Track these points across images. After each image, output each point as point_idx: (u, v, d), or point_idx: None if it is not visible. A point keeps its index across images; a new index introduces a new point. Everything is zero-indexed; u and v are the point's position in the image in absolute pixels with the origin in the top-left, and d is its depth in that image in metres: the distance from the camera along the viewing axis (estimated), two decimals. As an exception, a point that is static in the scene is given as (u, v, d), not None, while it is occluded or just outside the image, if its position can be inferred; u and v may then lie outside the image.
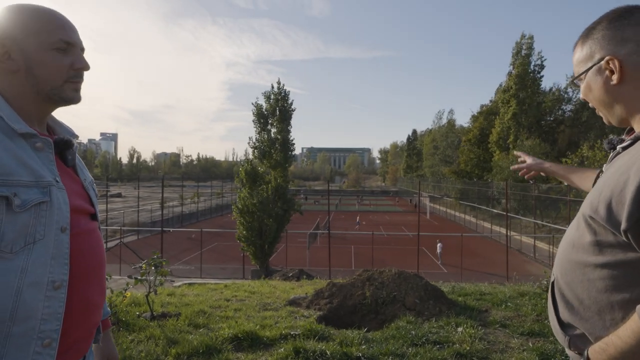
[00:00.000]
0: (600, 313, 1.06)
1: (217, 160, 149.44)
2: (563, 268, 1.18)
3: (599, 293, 1.06)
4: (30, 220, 0.99)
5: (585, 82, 1.18)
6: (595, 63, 1.13)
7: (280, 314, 4.47)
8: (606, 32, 1.11)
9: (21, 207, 0.97)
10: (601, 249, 1.05)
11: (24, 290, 0.97)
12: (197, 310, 4.46)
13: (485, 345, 3.49)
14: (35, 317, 0.98)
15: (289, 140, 20.59)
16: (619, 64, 1.08)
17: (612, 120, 1.20)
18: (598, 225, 1.05)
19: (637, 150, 1.00)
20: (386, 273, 5.09)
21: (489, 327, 3.99)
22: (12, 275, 0.95)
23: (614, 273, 1.03)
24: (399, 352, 3.28)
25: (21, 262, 0.97)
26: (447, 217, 47.40)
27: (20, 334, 0.96)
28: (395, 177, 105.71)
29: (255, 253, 19.20)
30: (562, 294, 1.18)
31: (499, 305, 4.71)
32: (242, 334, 3.57)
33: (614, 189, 1.01)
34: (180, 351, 3.26)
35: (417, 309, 4.50)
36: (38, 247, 0.99)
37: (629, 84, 1.09)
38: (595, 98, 1.18)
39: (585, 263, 1.09)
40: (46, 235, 1.01)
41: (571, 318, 1.14)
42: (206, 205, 49.29)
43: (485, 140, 43.82)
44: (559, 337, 1.18)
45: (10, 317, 0.95)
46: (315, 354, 3.12)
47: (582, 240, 1.11)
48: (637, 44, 1.07)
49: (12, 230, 0.96)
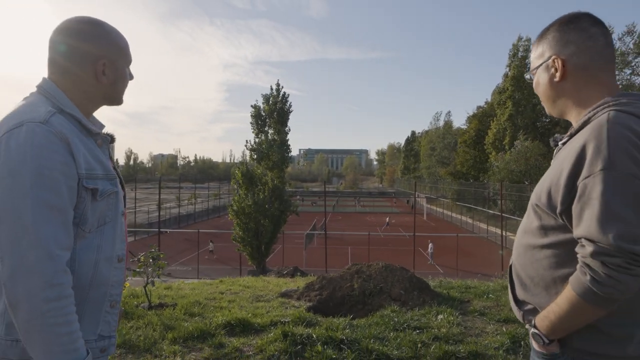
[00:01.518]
0: (547, 288, 1.25)
1: (214, 162, 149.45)
2: (517, 252, 1.40)
3: (545, 270, 1.25)
4: (104, 206, 1.23)
5: (536, 77, 1.38)
6: (544, 61, 1.33)
7: (272, 304, 4.70)
8: (555, 34, 1.30)
9: (100, 196, 1.21)
10: (545, 232, 1.25)
11: (99, 263, 1.22)
12: (192, 301, 4.68)
13: (462, 329, 3.72)
14: (107, 284, 1.25)
15: (286, 142, 20.80)
16: (562, 63, 1.27)
17: (553, 112, 1.41)
18: (542, 212, 1.25)
19: (571, 145, 1.18)
20: (374, 266, 5.32)
21: (468, 315, 4.22)
22: (91, 251, 1.20)
23: (556, 252, 1.22)
24: (381, 336, 3.52)
25: (97, 241, 1.22)
26: (443, 218, 47.65)
27: (96, 298, 1.22)
28: (393, 178, 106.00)
29: (252, 253, 19.37)
30: (517, 274, 1.38)
31: (480, 297, 4.94)
32: (235, 320, 3.79)
33: (552, 180, 1.22)
34: (176, 335, 3.49)
35: (402, 299, 4.74)
36: (107, 228, 1.25)
37: (570, 81, 1.29)
38: (542, 92, 1.38)
39: (534, 245, 1.29)
40: (112, 218, 1.26)
41: (524, 295, 1.33)
42: (203, 206, 49.44)
43: (481, 141, 44.14)
44: (516, 312, 1.37)
45: (90, 284, 1.20)
46: (302, 337, 3.35)
47: (531, 226, 1.32)
48: (577, 46, 1.26)
49: (92, 215, 1.19)
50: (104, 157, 1.27)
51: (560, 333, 1.19)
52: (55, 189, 1.09)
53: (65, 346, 1.06)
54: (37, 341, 1.04)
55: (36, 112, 1.13)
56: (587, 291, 1.07)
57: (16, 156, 1.07)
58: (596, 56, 1.25)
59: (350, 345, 3.25)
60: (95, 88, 1.28)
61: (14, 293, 1.03)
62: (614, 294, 1.04)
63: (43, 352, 1.04)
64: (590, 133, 1.11)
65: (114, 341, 1.30)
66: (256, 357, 3.16)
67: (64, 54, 1.24)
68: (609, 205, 1.03)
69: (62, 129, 1.13)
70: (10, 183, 1.05)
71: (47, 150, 1.09)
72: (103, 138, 1.30)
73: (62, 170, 1.10)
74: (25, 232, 1.04)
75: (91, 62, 1.25)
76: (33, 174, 1.07)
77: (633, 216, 1.02)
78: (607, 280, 1.03)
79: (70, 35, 1.24)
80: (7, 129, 1.09)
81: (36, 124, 1.10)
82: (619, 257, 1.01)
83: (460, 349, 3.24)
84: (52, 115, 1.14)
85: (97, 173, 1.21)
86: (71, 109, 1.21)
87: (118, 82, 1.33)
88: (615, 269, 1.02)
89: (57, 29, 1.26)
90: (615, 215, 1.03)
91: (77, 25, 1.26)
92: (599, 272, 1.04)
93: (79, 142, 1.17)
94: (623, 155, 1.04)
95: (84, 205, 1.17)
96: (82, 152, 1.17)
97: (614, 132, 1.07)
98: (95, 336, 1.23)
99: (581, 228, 1.08)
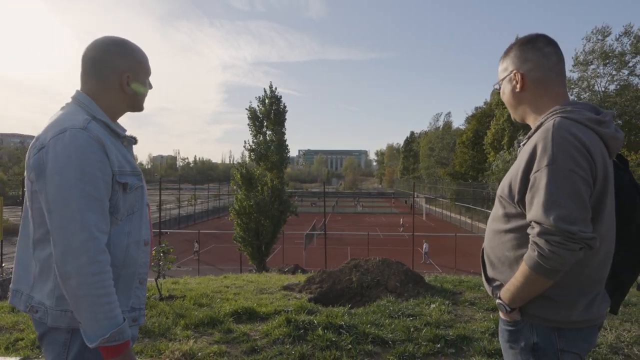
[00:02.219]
0: (510, 266, 1.50)
1: (213, 163, 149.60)
2: (487, 237, 1.67)
3: (509, 251, 1.50)
4: (133, 198, 1.47)
5: (501, 88, 1.66)
6: (507, 74, 1.59)
7: (275, 296, 4.98)
8: (516, 52, 1.57)
9: (130, 189, 1.45)
10: (508, 218, 1.51)
11: (130, 247, 1.46)
12: (200, 293, 4.96)
13: (452, 317, 4.01)
14: (136, 264, 1.48)
15: (284, 142, 20.95)
16: (521, 77, 1.54)
17: (516, 117, 1.70)
18: (505, 202, 1.52)
19: (527, 146, 1.44)
20: (371, 261, 5.61)
21: (459, 305, 4.50)
22: (123, 236, 1.44)
23: (517, 235, 1.47)
24: (377, 322, 3.80)
25: (127, 227, 1.45)
26: (442, 218, 47.94)
27: (127, 276, 1.46)
28: (392, 179, 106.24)
29: (253, 253, 19.54)
30: (487, 256, 1.65)
31: (472, 289, 5.22)
32: (241, 309, 4.08)
33: (512, 174, 1.51)
34: (188, 322, 3.77)
35: (397, 291, 5.02)
36: (135, 217, 1.49)
37: (528, 92, 1.56)
38: (506, 100, 1.65)
39: (500, 230, 1.56)
40: (139, 208, 1.51)
41: (493, 273, 1.60)
42: (203, 207, 49.68)
43: (479, 142, 44.38)
44: (487, 288, 1.64)
45: (122, 264, 1.43)
46: (304, 323, 3.63)
47: (497, 214, 1.60)
48: (534, 63, 1.53)
49: (123, 205, 1.44)
50: (130, 156, 1.52)
51: (519, 302, 1.43)
52: (94, 183, 1.32)
53: (107, 313, 1.28)
54: (84, 309, 1.27)
55: (76, 120, 1.37)
56: (535, 264, 1.31)
57: (62, 157, 1.30)
58: (549, 71, 1.51)
59: (348, 330, 3.54)
60: (121, 98, 1.53)
61: (65, 269, 1.26)
62: (556, 266, 1.29)
63: (88, 318, 1.27)
64: (540, 136, 1.38)
65: (144, 313, 1.54)
66: (262, 340, 3.44)
67: (94, 69, 1.49)
68: (551, 194, 1.29)
69: (97, 134, 1.37)
70: (59, 179, 1.29)
71: (87, 151, 1.32)
72: (128, 140, 1.55)
73: (100, 168, 1.34)
74: (72, 218, 1.27)
75: (117, 76, 1.49)
76: (77, 171, 1.29)
77: (570, 203, 1.28)
78: (550, 254, 1.27)
79: (100, 52, 1.49)
80: (52, 135, 1.33)
81: (77, 130, 1.33)
82: (558, 235, 1.27)
83: (449, 332, 3.52)
84: (89, 122, 1.38)
85: (126, 170, 1.45)
86: (102, 116, 1.46)
87: (139, 93, 1.57)
88: (556, 245, 1.27)
89: (88, 47, 1.51)
90: (556, 202, 1.28)
91: (105, 44, 1.50)
92: (544, 248, 1.28)
93: (111, 144, 1.42)
94: (564, 154, 1.30)
95: (116, 197, 1.41)
96: (114, 152, 1.41)
97: (557, 135, 1.32)
98: (128, 308, 1.44)
99: (531, 213, 1.34)
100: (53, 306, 1.36)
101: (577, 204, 1.28)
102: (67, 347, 1.37)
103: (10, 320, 3.92)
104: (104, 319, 1.27)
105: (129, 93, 1.52)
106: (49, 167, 1.30)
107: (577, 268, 1.37)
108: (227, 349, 3.30)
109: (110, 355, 1.30)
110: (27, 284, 1.42)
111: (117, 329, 1.29)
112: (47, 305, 1.36)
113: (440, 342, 3.37)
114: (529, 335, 1.45)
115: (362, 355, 3.19)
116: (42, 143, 1.34)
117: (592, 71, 29.53)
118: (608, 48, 28.34)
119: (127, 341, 1.33)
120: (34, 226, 1.39)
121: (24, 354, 3.18)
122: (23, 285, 1.43)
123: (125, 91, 1.51)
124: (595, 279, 1.43)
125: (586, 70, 29.61)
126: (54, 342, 1.38)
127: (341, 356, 3.16)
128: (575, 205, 1.28)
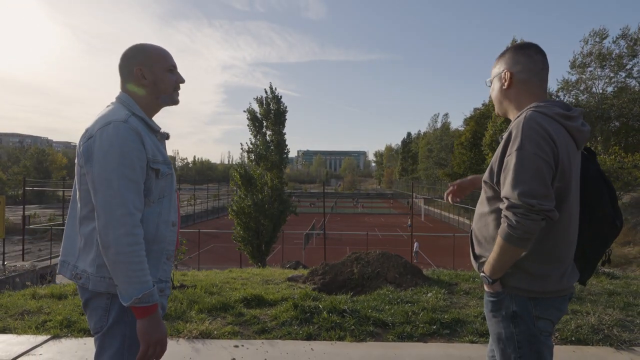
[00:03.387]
0: (494, 243, 1.76)
1: (212, 163, 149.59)
2: (475, 219, 1.94)
3: (492, 230, 1.74)
4: (163, 184, 1.70)
5: (492, 85, 1.93)
6: (499, 73, 1.85)
7: (281, 286, 5.25)
8: (510, 55, 1.82)
9: (161, 176, 1.69)
10: (490, 201, 1.76)
11: (160, 225, 1.68)
12: (209, 283, 5.23)
13: (448, 303, 4.29)
14: (165, 241, 1.71)
15: (284, 142, 20.98)
16: (509, 75, 1.79)
17: (501, 112, 1.96)
18: (487, 186, 1.79)
19: (506, 134, 1.71)
20: (372, 254, 5.89)
21: (454, 294, 4.79)
22: (154, 215, 1.67)
23: (497, 216, 1.70)
24: (378, 307, 4.08)
25: (158, 209, 1.69)
26: (441, 218, 48.23)
27: (156, 251, 1.68)
28: (391, 179, 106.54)
29: (253, 252, 19.74)
30: (475, 236, 1.90)
31: (467, 281, 5.50)
32: (250, 296, 4.36)
33: (492, 162, 1.77)
34: (201, 307, 4.05)
35: (396, 282, 5.30)
36: (165, 200, 1.72)
37: (513, 90, 1.81)
38: (494, 96, 1.91)
39: (484, 212, 1.82)
40: (169, 193, 1.74)
41: (479, 250, 1.85)
42: (202, 207, 49.92)
43: (477, 143, 44.62)
44: (474, 264, 1.88)
45: (153, 240, 1.66)
46: (310, 307, 3.92)
47: (482, 198, 1.86)
48: (523, 66, 1.78)
49: (155, 189, 1.67)
50: (162, 148, 1.77)
51: (499, 273, 1.67)
52: (132, 167, 1.53)
53: (139, 278, 1.48)
54: (120, 273, 1.47)
55: (118, 115, 1.63)
56: (506, 235, 1.53)
57: (106, 144, 1.53)
58: (534, 75, 1.78)
59: (351, 314, 3.82)
60: (144, 91, 1.75)
61: (107, 239, 1.47)
62: (522, 235, 1.49)
63: (124, 282, 1.50)
64: (514, 126, 1.65)
65: (169, 285, 1.78)
66: (272, 322, 3.72)
67: (120, 72, 1.76)
68: (517, 173, 1.52)
69: (136, 126, 1.63)
70: (103, 163, 1.54)
71: (127, 140, 1.54)
72: (161, 135, 1.80)
73: (137, 155, 1.58)
74: (114, 196, 1.48)
75: (132, 70, 1.74)
76: (118, 156, 1.51)
77: (532, 181, 1.53)
78: (516, 225, 1.49)
79: (121, 58, 1.77)
80: (100, 126, 1.59)
81: (119, 122, 1.59)
82: (521, 208, 1.49)
83: (445, 316, 3.80)
84: (129, 117, 1.64)
85: (158, 159, 1.69)
86: (139, 112, 1.72)
87: (158, 83, 1.72)
88: (520, 216, 1.49)
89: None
90: (520, 180, 1.51)
91: (125, 50, 1.78)
92: (512, 219, 1.50)
93: (147, 136, 1.67)
94: (529, 140, 1.55)
95: (150, 182, 1.65)
96: (149, 143, 1.65)
97: (526, 125, 1.58)
98: (156, 279, 1.64)
99: (503, 190, 1.60)
100: (94, 273, 1.59)
101: (538, 181, 1.52)
102: (107, 310, 1.60)
103: (35, 305, 4.19)
104: (137, 283, 1.48)
105: (145, 85, 1.73)
106: (95, 153, 1.55)
107: (550, 246, 1.62)
108: (239, 329, 3.58)
109: (141, 315, 1.53)
110: (73, 256, 1.66)
111: (148, 291, 1.49)
112: (89, 272, 1.60)
113: (436, 325, 3.65)
114: (509, 304, 1.67)
115: (365, 335, 3.47)
116: (90, 133, 1.60)
117: (590, 73, 29.88)
118: (605, 50, 28.70)
119: (156, 304, 1.54)
120: (80, 205, 1.64)
121: (53, 333, 3.45)
122: (70, 257, 1.68)
123: (142, 84, 1.73)
124: (566, 255, 1.67)
125: (584, 72, 29.96)
126: (96, 307, 1.62)
127: (345, 335, 3.44)
128: (536, 182, 1.52)
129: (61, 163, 73.56)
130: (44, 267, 9.42)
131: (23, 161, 71.18)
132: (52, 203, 55.91)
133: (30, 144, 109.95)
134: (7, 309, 4.09)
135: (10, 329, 3.59)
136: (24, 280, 8.17)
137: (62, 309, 4.03)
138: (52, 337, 3.39)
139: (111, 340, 1.61)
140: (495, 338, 1.76)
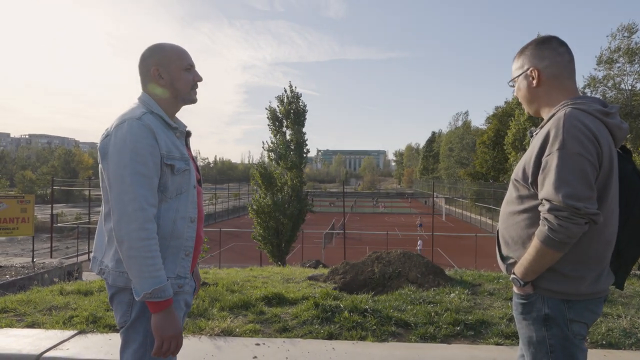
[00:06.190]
0: (523, 244, 1.67)
1: (233, 163, 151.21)
2: (502, 219, 1.87)
3: (522, 230, 1.68)
4: (180, 179, 1.70)
5: (517, 84, 1.83)
6: (524, 71, 1.76)
7: (301, 285, 5.25)
8: (533, 51, 1.75)
9: (177, 172, 1.68)
10: (522, 200, 1.69)
11: (177, 221, 1.67)
12: (230, 281, 5.26)
13: (472, 304, 4.20)
14: (183, 237, 1.69)
15: (304, 142, 20.83)
16: (537, 73, 1.71)
17: (531, 112, 1.88)
18: (519, 184, 1.71)
19: (540, 133, 1.63)
20: (393, 253, 5.82)
21: (478, 295, 4.69)
22: (171, 211, 1.66)
23: (530, 215, 1.65)
24: (400, 307, 4.02)
25: (175, 204, 1.68)
26: (462, 218, 47.54)
27: (174, 247, 1.67)
28: (411, 179, 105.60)
29: (272, 251, 19.81)
30: (502, 236, 1.83)
31: (491, 281, 5.38)
32: (271, 294, 4.36)
33: (526, 159, 1.70)
34: (223, 305, 4.07)
35: (418, 282, 5.22)
36: (183, 196, 1.71)
37: (543, 87, 1.73)
38: (522, 95, 1.82)
39: (514, 211, 1.75)
40: (187, 189, 1.73)
41: (507, 251, 1.77)
42: (223, 207, 50.51)
43: (500, 142, 43.80)
44: (501, 266, 1.82)
45: (170, 236, 1.65)
46: (331, 306, 3.89)
47: (511, 197, 1.80)
48: (550, 61, 1.70)
49: (172, 185, 1.67)
50: (180, 145, 1.75)
51: (532, 276, 1.60)
52: (145, 163, 1.55)
53: (151, 273, 1.50)
54: (133, 268, 1.50)
55: (134, 113, 1.65)
56: (546, 238, 1.47)
57: (120, 141, 1.55)
58: (563, 68, 1.70)
59: (373, 313, 3.78)
60: (162, 91, 1.75)
61: (120, 233, 1.50)
62: (564, 238, 1.46)
63: (136, 276, 1.51)
64: (552, 124, 1.56)
65: (188, 282, 1.72)
66: (293, 321, 3.71)
67: (140, 73, 1.77)
68: (560, 174, 1.45)
69: (150, 123, 1.63)
70: (117, 159, 1.55)
71: (140, 136, 1.56)
72: (180, 132, 1.79)
73: (150, 151, 1.58)
74: (126, 191, 1.51)
75: (149, 71, 1.74)
76: (131, 152, 1.53)
77: (577, 183, 1.46)
78: (558, 228, 1.44)
79: (139, 59, 1.78)
80: (116, 124, 1.61)
81: (133, 120, 1.60)
82: (566, 211, 1.44)
83: (469, 317, 3.72)
84: (144, 115, 1.65)
85: (174, 155, 1.68)
86: (157, 110, 1.72)
87: (175, 82, 1.73)
88: (564, 219, 1.43)
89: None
90: (564, 182, 1.46)
91: (143, 51, 1.78)
92: (553, 222, 1.44)
93: (162, 132, 1.67)
94: (573, 139, 1.48)
95: (165, 178, 1.64)
96: (163, 139, 1.65)
97: (567, 123, 1.50)
98: (174, 275, 1.64)
99: (543, 192, 1.52)
100: (114, 267, 1.62)
101: (583, 183, 1.45)
102: (131, 305, 1.62)
103: (62, 300, 4.29)
104: (148, 277, 1.49)
105: (163, 84, 1.74)
106: (110, 150, 1.58)
107: (586, 246, 1.54)
108: (261, 327, 3.59)
109: (154, 309, 1.54)
110: (101, 251, 1.69)
111: (159, 286, 1.50)
112: (110, 267, 1.63)
113: (460, 326, 3.58)
114: (540, 307, 1.60)
115: (386, 335, 3.43)
116: (107, 132, 1.63)
117: (618, 69, 28.93)
118: (635, 45, 27.74)
119: (170, 300, 1.54)
120: (104, 202, 1.67)
121: (80, 328, 3.52)
122: (98, 253, 1.71)
123: (160, 84, 1.74)
124: (602, 256, 1.59)
125: (611, 68, 29.04)
126: (120, 301, 1.65)
127: (367, 335, 3.41)
128: (581, 184, 1.45)
129: (87, 163, 75.72)
130: (71, 264, 9.69)
131: (51, 161, 73.49)
132: (79, 202, 57.50)
133: (57, 145, 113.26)
134: (36, 304, 4.21)
135: (38, 323, 3.68)
136: (51, 276, 8.42)
137: (88, 304, 4.12)
138: (78, 332, 3.46)
139: (134, 334, 1.63)
140: (525, 342, 1.69)
